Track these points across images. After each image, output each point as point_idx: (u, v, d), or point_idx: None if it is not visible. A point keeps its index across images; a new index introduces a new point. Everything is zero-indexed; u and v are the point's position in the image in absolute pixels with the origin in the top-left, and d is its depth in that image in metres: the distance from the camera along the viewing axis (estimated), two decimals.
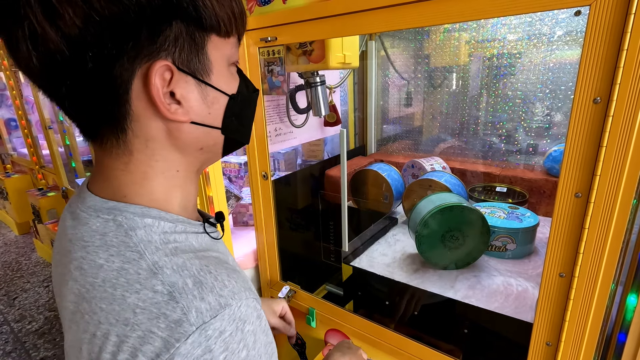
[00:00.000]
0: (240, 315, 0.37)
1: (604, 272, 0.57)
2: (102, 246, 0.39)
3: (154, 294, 0.35)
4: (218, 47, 0.41)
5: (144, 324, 0.35)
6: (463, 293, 0.92)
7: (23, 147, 3.58)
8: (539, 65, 1.22)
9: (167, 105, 0.38)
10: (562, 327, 0.63)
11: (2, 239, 3.66)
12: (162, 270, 0.37)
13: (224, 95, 0.43)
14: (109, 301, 0.37)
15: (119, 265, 0.37)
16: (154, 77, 0.36)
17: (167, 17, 0.36)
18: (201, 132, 0.42)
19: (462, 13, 0.60)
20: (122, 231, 0.39)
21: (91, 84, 0.36)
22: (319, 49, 0.96)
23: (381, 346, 0.95)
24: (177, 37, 0.37)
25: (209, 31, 0.39)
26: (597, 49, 0.51)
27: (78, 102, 0.38)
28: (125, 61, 0.35)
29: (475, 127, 1.42)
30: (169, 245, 0.39)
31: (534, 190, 1.28)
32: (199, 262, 0.39)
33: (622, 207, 0.53)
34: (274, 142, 1.29)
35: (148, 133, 0.40)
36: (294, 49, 1.01)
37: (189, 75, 0.39)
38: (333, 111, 1.45)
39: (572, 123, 0.54)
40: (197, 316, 0.34)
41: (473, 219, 0.98)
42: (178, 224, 0.42)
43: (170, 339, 0.34)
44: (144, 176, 0.41)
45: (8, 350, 2.16)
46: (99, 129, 0.40)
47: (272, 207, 1.09)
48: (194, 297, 0.35)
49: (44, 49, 0.33)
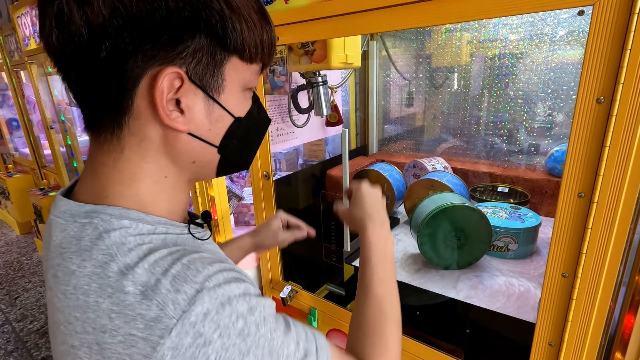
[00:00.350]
0: (222, 292, 0.35)
1: (606, 272, 0.57)
2: (76, 252, 0.37)
3: (125, 296, 0.34)
4: (238, 69, 0.41)
5: (122, 328, 0.34)
6: (465, 293, 0.92)
7: (25, 147, 3.59)
8: (541, 65, 1.22)
9: (168, 111, 0.38)
10: (565, 327, 0.63)
11: (3, 238, 3.67)
12: (133, 271, 0.35)
13: (229, 116, 0.43)
14: (83, 309, 0.35)
15: (91, 270, 0.36)
16: (161, 81, 0.36)
17: (192, 29, 0.36)
18: (197, 146, 0.42)
19: (463, 13, 0.60)
20: (96, 233, 0.37)
21: (100, 73, 0.36)
22: (321, 49, 0.96)
23: None
24: (197, 50, 0.37)
25: (232, 52, 0.39)
26: (600, 48, 0.50)
27: (85, 88, 0.38)
28: (139, 59, 0.35)
29: (477, 127, 1.42)
30: (143, 246, 0.37)
31: (535, 190, 1.27)
32: (171, 257, 0.37)
33: (625, 207, 0.53)
34: (276, 142, 1.29)
35: (144, 134, 0.39)
36: (295, 49, 1.01)
37: (199, 88, 0.39)
38: (335, 111, 1.45)
39: (575, 123, 0.54)
40: (175, 308, 0.33)
41: (475, 219, 0.98)
42: (158, 226, 0.41)
43: (153, 337, 0.33)
44: (132, 177, 0.40)
45: (10, 349, 2.16)
46: (98, 120, 0.40)
47: (273, 207, 1.09)
48: (168, 291, 0.34)
49: (66, 29, 0.34)
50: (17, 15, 2.23)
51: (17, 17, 2.24)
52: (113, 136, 0.39)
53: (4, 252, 3.36)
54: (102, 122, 0.39)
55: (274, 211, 1.09)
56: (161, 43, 0.35)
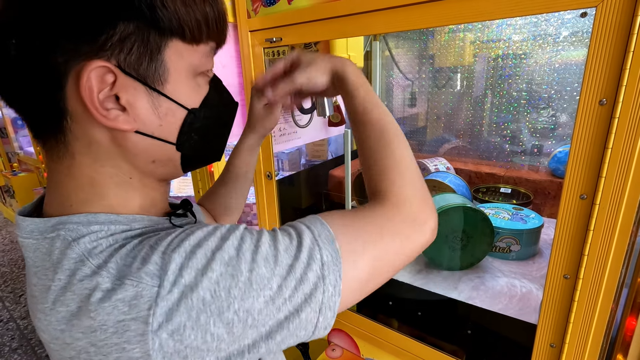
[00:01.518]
0: (190, 242, 0.33)
1: (608, 274, 0.57)
2: (50, 267, 0.35)
3: (101, 291, 0.32)
4: (181, 54, 0.36)
5: (109, 320, 0.31)
6: (467, 294, 0.92)
7: (30, 146, 3.62)
8: (544, 66, 1.22)
9: (104, 110, 0.34)
10: (567, 328, 0.63)
11: (8, 236, 3.70)
12: (107, 266, 0.33)
13: (181, 108, 0.38)
14: (67, 320, 0.33)
15: (66, 281, 0.33)
16: (86, 78, 0.32)
17: (113, 14, 0.31)
18: (150, 144, 0.37)
19: (466, 14, 0.60)
20: (65, 245, 0.35)
21: (19, 76, 0.33)
22: (324, 49, 0.96)
23: (384, 346, 0.95)
24: (125, 38, 0.32)
25: (169, 35, 0.34)
26: (603, 50, 0.50)
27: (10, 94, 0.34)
28: (57, 56, 0.31)
29: (479, 127, 1.41)
30: (116, 244, 0.35)
31: (538, 191, 1.27)
32: (140, 243, 0.34)
33: (628, 209, 0.53)
34: (278, 142, 1.29)
35: (91, 137, 0.36)
36: (298, 48, 1.02)
37: (137, 80, 0.34)
38: (337, 111, 1.45)
39: (578, 124, 0.54)
40: (152, 277, 0.31)
41: (477, 220, 0.98)
42: (133, 224, 0.38)
43: (142, 312, 0.31)
44: (91, 182, 0.37)
45: (14, 346, 2.18)
46: (39, 126, 0.36)
47: (276, 207, 1.09)
48: (138, 269, 0.32)
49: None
50: None
51: None
52: (59, 143, 0.36)
53: (9, 250, 3.39)
54: (45, 130, 0.36)
55: (277, 211, 1.10)
56: (79, 36, 0.31)
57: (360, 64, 1.06)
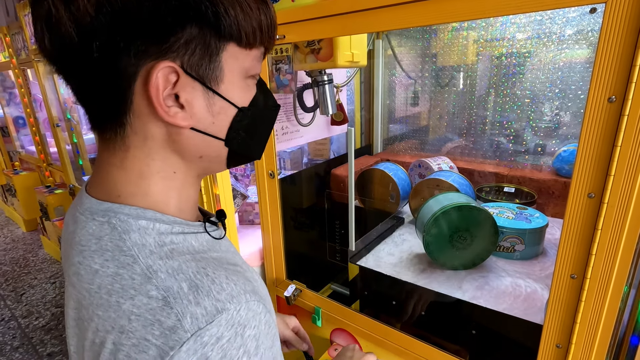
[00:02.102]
0: (239, 320, 0.35)
1: (616, 274, 0.56)
2: (97, 251, 0.38)
3: (148, 300, 0.34)
4: (236, 57, 0.39)
5: (138, 332, 0.34)
6: (471, 294, 0.92)
7: (31, 145, 3.62)
8: (549, 64, 1.21)
9: (167, 107, 0.37)
10: (573, 329, 0.62)
11: (10, 235, 3.70)
12: (157, 275, 0.35)
13: (232, 107, 0.41)
14: (105, 308, 0.36)
15: (114, 271, 0.36)
16: (155, 77, 0.35)
17: (182, 19, 0.35)
18: (201, 140, 0.40)
19: (470, 11, 0.59)
20: (116, 234, 0.37)
21: (96, 74, 0.35)
22: (327, 47, 0.96)
23: (387, 346, 0.94)
24: (189, 40, 0.35)
25: (228, 40, 0.38)
26: (612, 46, 0.50)
27: (84, 89, 0.37)
28: (131, 55, 0.34)
29: (483, 126, 1.40)
30: (164, 247, 0.38)
31: (542, 190, 1.26)
32: (196, 265, 0.37)
33: (637, 207, 0.52)
34: (281, 140, 1.29)
35: (147, 131, 0.39)
36: (302, 47, 1.00)
37: (196, 80, 0.37)
38: (340, 110, 1.44)
39: (586, 122, 0.53)
40: (192, 322, 0.33)
41: (481, 220, 0.97)
42: (175, 226, 0.40)
43: (165, 347, 0.32)
44: (140, 175, 0.40)
45: (15, 345, 2.18)
46: (101, 120, 0.39)
47: (278, 206, 1.09)
48: (189, 302, 0.34)
49: (56, 31, 0.33)
50: (24, 13, 2.24)
51: (24, 15, 2.25)
52: (117, 136, 0.39)
53: (10, 249, 3.39)
54: (105, 122, 0.39)
55: (279, 210, 1.09)
56: (151, 37, 0.34)
57: (364, 62, 1.05)
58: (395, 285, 1.03)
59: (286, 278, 1.18)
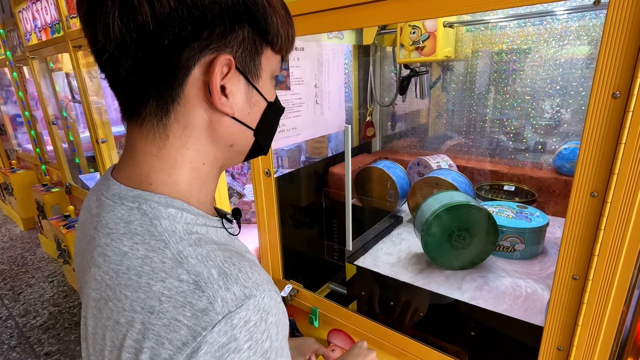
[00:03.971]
0: (264, 306, 0.37)
1: (619, 275, 0.54)
2: (126, 234, 0.40)
3: (179, 283, 0.36)
4: (269, 59, 0.44)
5: (169, 312, 0.35)
6: (470, 294, 0.90)
7: (28, 143, 3.60)
8: (549, 61, 1.19)
9: (220, 95, 0.40)
10: (575, 331, 0.60)
11: (7, 234, 3.69)
12: (187, 260, 0.37)
13: (264, 101, 0.46)
14: (134, 289, 0.37)
15: (144, 254, 0.38)
16: (217, 67, 0.39)
17: (242, 20, 0.39)
18: (237, 129, 0.44)
19: (475, 3, 0.58)
20: (147, 220, 0.39)
21: (158, 61, 0.38)
22: (431, 45, 1.18)
23: (385, 347, 0.93)
24: (244, 39, 0.40)
25: (268, 43, 0.43)
26: (617, 41, 0.48)
27: (137, 77, 0.39)
28: (195, 47, 0.38)
29: (482, 124, 1.39)
30: (192, 235, 0.40)
31: (543, 189, 1.25)
32: (222, 254, 0.39)
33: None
34: (278, 138, 1.27)
35: (189, 120, 0.41)
36: (407, 45, 1.23)
37: (241, 75, 0.42)
38: (371, 126, 1.62)
39: (589, 119, 0.52)
40: (223, 305, 0.35)
41: (481, 219, 0.96)
42: (199, 217, 0.43)
43: (197, 327, 0.34)
44: (174, 164, 0.42)
45: (13, 344, 2.17)
46: (144, 108, 0.41)
47: (274, 205, 1.07)
48: (219, 287, 0.36)
49: (132, 20, 0.35)
50: (18, 10, 2.22)
51: (18, 11, 2.23)
52: (159, 124, 0.41)
53: (8, 248, 3.38)
54: (148, 111, 0.41)
55: (275, 208, 1.07)
56: (217, 32, 0.38)
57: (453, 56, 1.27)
58: (393, 286, 1.02)
59: (283, 278, 1.17)
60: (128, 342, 0.37)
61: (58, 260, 3.01)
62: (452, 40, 1.26)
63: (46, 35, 1.97)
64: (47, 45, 1.99)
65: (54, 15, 1.82)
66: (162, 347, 0.35)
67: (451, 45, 1.25)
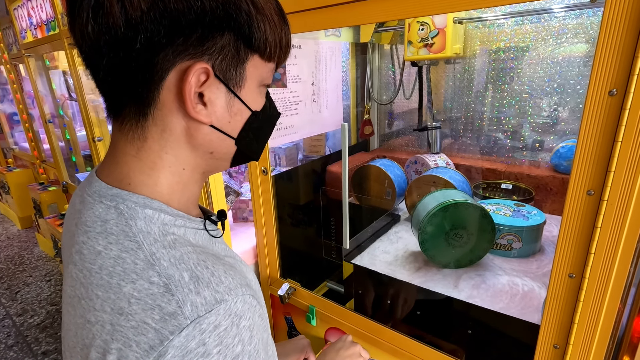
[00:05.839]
0: (236, 311, 0.37)
1: (616, 273, 0.54)
2: (102, 233, 0.39)
3: (149, 285, 0.36)
4: (257, 67, 0.43)
5: (138, 315, 0.35)
6: (467, 293, 0.90)
7: (25, 142, 3.58)
8: (547, 58, 1.19)
9: (194, 104, 0.39)
10: (571, 329, 0.60)
11: (5, 233, 3.68)
12: (160, 262, 0.37)
13: (247, 110, 0.44)
14: (105, 289, 0.37)
15: (117, 254, 0.38)
16: (191, 76, 0.38)
17: (222, 27, 0.38)
18: (216, 137, 0.43)
19: (452, 2, 0.57)
20: (122, 220, 0.39)
21: (132, 64, 0.37)
22: (440, 42, 1.17)
23: (382, 345, 0.93)
24: (224, 46, 0.39)
25: (254, 51, 0.41)
26: (614, 38, 0.48)
27: (113, 78, 0.39)
28: (170, 52, 0.37)
29: (480, 122, 1.39)
30: (167, 237, 0.39)
31: (540, 187, 1.25)
32: (197, 257, 0.39)
33: (638, 205, 0.50)
34: (275, 136, 1.26)
35: (167, 124, 0.41)
36: (415, 42, 1.21)
37: (222, 83, 0.41)
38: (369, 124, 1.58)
39: (586, 116, 0.51)
40: (192, 310, 0.35)
41: (478, 217, 0.95)
42: (178, 218, 0.42)
43: (164, 331, 0.34)
44: (152, 166, 0.42)
45: (10, 343, 2.17)
46: (124, 108, 0.41)
47: (272, 203, 1.07)
48: (189, 291, 0.35)
49: (103, 22, 0.35)
50: (13, 7, 2.20)
51: (13, 9, 2.21)
52: (137, 126, 0.41)
53: (5, 247, 3.37)
54: (127, 112, 0.41)
55: (272, 207, 1.07)
56: (193, 38, 0.37)
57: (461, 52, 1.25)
58: (390, 284, 1.02)
59: (280, 276, 1.16)
60: (97, 342, 0.36)
61: (55, 259, 3.01)
62: (462, 37, 1.25)
63: (42, 32, 1.96)
64: (43, 43, 1.97)
65: (49, 13, 1.81)
66: (129, 350, 0.34)
67: (460, 42, 1.24)
